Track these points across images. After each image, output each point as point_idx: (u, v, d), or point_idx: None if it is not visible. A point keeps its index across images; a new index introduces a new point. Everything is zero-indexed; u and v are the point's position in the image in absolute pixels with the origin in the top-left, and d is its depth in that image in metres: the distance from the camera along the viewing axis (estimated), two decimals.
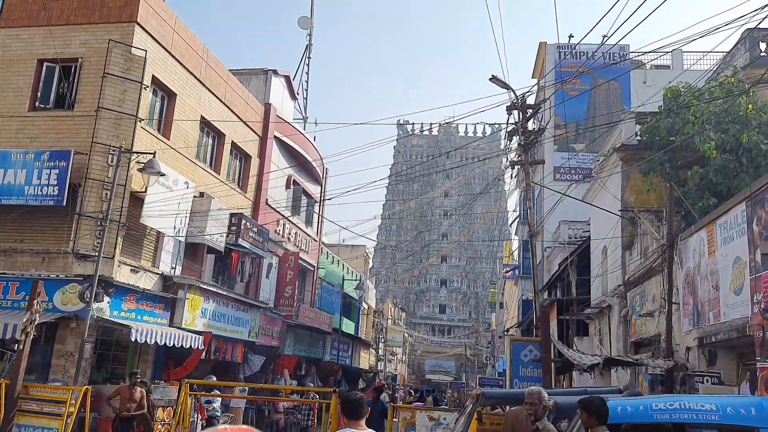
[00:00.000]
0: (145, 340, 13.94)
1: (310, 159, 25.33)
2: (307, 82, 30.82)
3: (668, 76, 22.88)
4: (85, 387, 12.06)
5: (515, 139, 13.87)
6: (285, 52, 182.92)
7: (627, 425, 4.85)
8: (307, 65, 30.89)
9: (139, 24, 15.08)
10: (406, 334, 62.73)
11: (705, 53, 23.23)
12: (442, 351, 78.59)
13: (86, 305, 13.31)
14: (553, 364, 13.36)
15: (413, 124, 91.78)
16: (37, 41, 15.37)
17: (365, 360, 39.61)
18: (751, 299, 8.21)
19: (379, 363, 46.21)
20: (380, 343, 46.98)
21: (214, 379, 15.54)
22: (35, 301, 11.23)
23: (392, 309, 57.48)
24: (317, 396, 18.32)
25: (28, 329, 11.11)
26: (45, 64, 15.34)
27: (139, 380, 12.34)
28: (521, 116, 13.28)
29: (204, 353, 16.71)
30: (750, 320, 8.22)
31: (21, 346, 11.34)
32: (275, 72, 23.09)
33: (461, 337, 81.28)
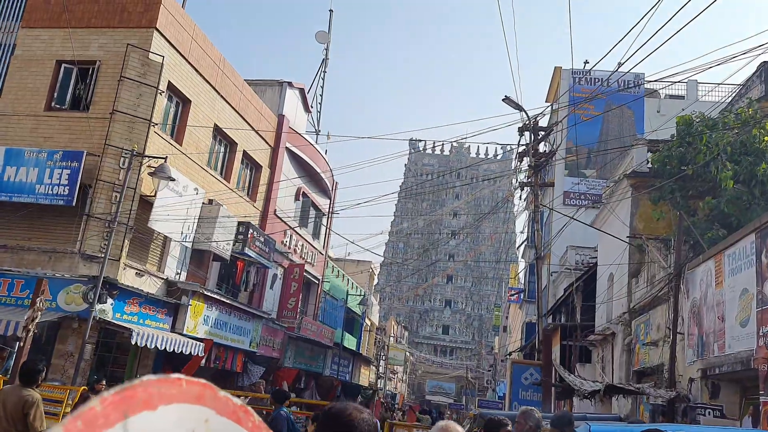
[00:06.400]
0: (146, 344, 13.92)
1: (320, 171, 25.40)
2: (321, 95, 31.04)
3: (682, 106, 22.85)
4: (82, 387, 12.02)
5: (525, 160, 13.88)
6: (301, 65, 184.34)
7: None
8: (323, 79, 31.12)
9: (158, 30, 15.26)
10: (407, 353, 62.41)
11: (719, 84, 23.22)
12: (443, 372, 78.05)
13: (89, 306, 13.32)
14: (553, 388, 13.22)
15: (425, 142, 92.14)
16: (56, 42, 15.57)
17: (365, 377, 39.38)
18: (757, 332, 8.10)
19: (379, 381, 45.93)
20: (381, 361, 46.73)
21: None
22: (38, 299, 11.23)
23: (395, 327, 57.24)
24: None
25: (30, 327, 11.10)
26: (63, 65, 15.52)
27: None
28: (532, 138, 13.28)
29: (204, 361, 16.66)
30: (755, 353, 8.11)
31: (22, 344, 11.33)
32: (290, 84, 23.25)
33: (463, 359, 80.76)
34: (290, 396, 11.80)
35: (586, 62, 28.56)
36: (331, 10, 32.60)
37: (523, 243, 34.56)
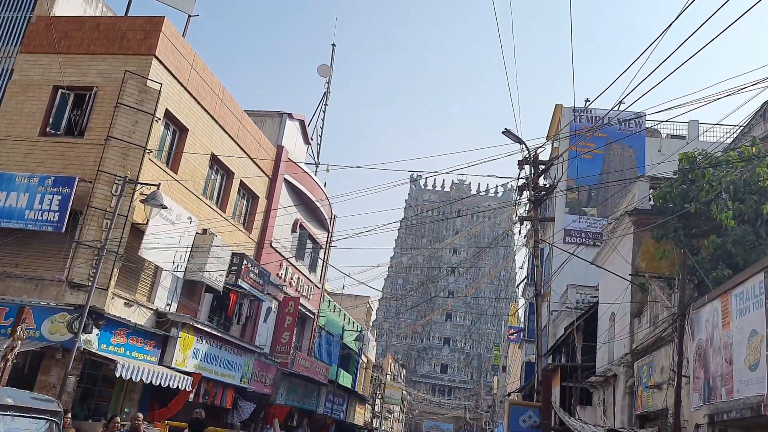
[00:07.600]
0: (131, 377, 13.45)
1: (317, 202, 25.12)
2: (322, 128, 31.02)
3: (683, 144, 22.76)
4: None
5: (525, 194, 13.62)
6: (303, 98, 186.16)
7: None
8: (324, 112, 31.13)
9: (156, 57, 15.16)
10: (404, 392, 61.26)
11: (719, 123, 23.20)
12: (440, 412, 76.71)
13: (74, 336, 12.89)
14: None
15: (425, 177, 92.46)
16: (54, 68, 15.45)
17: (360, 416, 38.47)
18: (767, 376, 7.70)
19: (374, 420, 44.91)
20: (377, 399, 45.75)
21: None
22: (19, 327, 10.84)
23: (392, 364, 56.30)
24: None
25: (9, 356, 10.67)
26: (60, 90, 15.38)
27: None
28: (532, 171, 13.05)
29: (192, 396, 16.14)
30: (765, 399, 7.69)
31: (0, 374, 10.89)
32: (290, 115, 23.16)
33: (462, 399, 79.44)
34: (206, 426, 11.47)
35: (587, 100, 28.59)
36: (333, 45, 32.84)
37: (522, 281, 34.11)
